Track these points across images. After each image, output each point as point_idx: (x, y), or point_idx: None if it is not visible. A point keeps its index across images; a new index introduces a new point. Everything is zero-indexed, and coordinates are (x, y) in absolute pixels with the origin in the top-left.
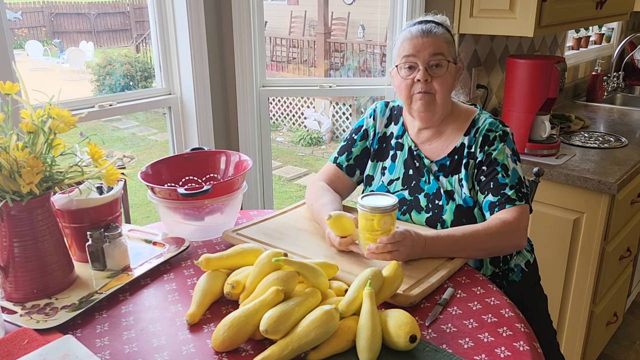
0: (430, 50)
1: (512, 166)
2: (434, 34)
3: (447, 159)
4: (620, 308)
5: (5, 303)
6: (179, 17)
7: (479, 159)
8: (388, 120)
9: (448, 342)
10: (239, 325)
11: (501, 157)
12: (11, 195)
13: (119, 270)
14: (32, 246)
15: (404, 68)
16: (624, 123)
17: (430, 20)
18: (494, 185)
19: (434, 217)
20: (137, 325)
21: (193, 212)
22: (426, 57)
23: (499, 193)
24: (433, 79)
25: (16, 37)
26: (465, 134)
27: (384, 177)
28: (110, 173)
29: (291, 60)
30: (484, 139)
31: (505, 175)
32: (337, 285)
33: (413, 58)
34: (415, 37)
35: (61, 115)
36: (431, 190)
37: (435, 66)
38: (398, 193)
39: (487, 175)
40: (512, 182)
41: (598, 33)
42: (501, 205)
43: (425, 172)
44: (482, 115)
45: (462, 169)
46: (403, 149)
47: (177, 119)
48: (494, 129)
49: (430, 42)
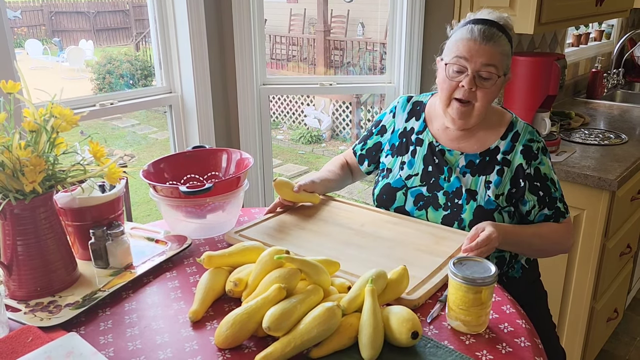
0: (484, 60)
1: (556, 179)
2: (493, 42)
3: (478, 157)
4: (621, 304)
5: (9, 301)
6: (179, 15)
7: (527, 172)
8: (409, 115)
9: (450, 339)
10: (241, 323)
11: (549, 172)
12: (14, 193)
13: (122, 268)
14: (35, 244)
15: (452, 68)
16: (624, 120)
17: (495, 21)
18: (549, 200)
19: (452, 215)
20: (140, 323)
21: (195, 210)
22: (478, 66)
23: (553, 207)
24: (478, 89)
25: (16, 36)
26: (502, 137)
27: (402, 171)
28: (112, 171)
29: (291, 58)
30: (526, 150)
31: (555, 189)
32: (340, 282)
33: (465, 62)
34: (474, 39)
35: (63, 114)
36: (451, 188)
37: (485, 78)
38: (416, 189)
39: (542, 190)
40: (560, 195)
41: (598, 30)
42: (556, 219)
43: (446, 170)
44: (519, 121)
45: (493, 173)
46: (423, 144)
47: (177, 117)
48: (535, 139)
49: (487, 51)
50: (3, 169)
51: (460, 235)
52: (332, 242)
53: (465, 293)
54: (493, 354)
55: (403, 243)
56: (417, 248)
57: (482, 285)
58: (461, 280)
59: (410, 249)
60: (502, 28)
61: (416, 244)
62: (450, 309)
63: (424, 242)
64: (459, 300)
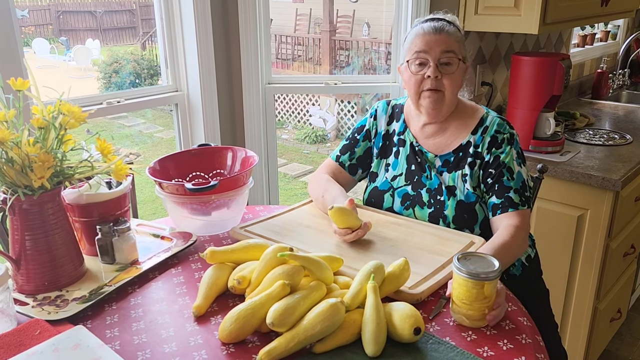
0: (442, 47)
1: (517, 169)
2: (446, 31)
3: (452, 155)
4: (625, 304)
5: (18, 295)
6: (186, 14)
7: (486, 160)
8: (390, 118)
9: (451, 335)
10: (245, 318)
11: (507, 160)
12: (23, 189)
13: (128, 263)
14: (43, 239)
15: (414, 63)
16: (629, 120)
17: (441, 18)
18: (499, 187)
19: (436, 212)
20: (145, 317)
21: (200, 207)
22: (437, 54)
23: (503, 196)
24: (443, 76)
25: (23, 35)
26: (473, 132)
27: (387, 173)
28: (119, 168)
29: (296, 58)
30: (492, 140)
31: (510, 178)
32: (344, 281)
33: (424, 54)
34: (428, 33)
35: (72, 111)
36: (432, 185)
37: (446, 64)
38: (401, 189)
39: (493, 177)
40: (516, 186)
41: (604, 30)
42: (504, 208)
43: (427, 168)
44: (490, 114)
45: (466, 166)
46: (405, 145)
47: (183, 116)
48: (502, 131)
49: (442, 40)
50: (12, 164)
51: (465, 237)
52: (336, 240)
53: (469, 288)
54: (494, 350)
55: (407, 242)
56: (421, 247)
57: (485, 280)
58: (465, 274)
59: (414, 248)
60: (449, 22)
61: (420, 243)
62: (454, 304)
63: (428, 242)
64: (463, 294)
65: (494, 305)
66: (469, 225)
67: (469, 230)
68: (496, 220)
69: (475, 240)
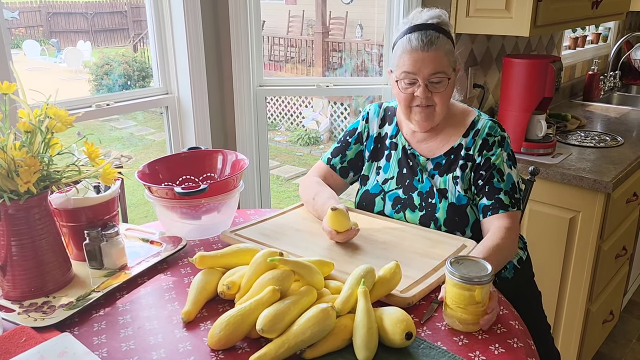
0: (431, 69)
1: (507, 171)
2: (435, 47)
3: (443, 157)
4: (617, 306)
5: (3, 301)
6: (176, 16)
7: (477, 162)
8: (382, 121)
9: (443, 340)
10: (235, 324)
11: (498, 162)
12: (9, 194)
13: (116, 269)
14: (29, 245)
15: (403, 81)
16: (620, 122)
17: (430, 24)
18: (489, 189)
19: (428, 215)
20: (134, 323)
21: (190, 211)
22: (426, 76)
23: (493, 197)
24: (433, 94)
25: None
26: (464, 135)
27: (378, 176)
28: (107, 172)
29: (289, 60)
30: (483, 143)
31: (501, 180)
32: (335, 285)
33: (413, 75)
34: (415, 50)
35: (58, 114)
36: (424, 188)
37: (436, 82)
38: (392, 192)
39: (484, 179)
40: (506, 188)
41: (595, 32)
42: (494, 210)
43: (419, 171)
44: (482, 117)
45: (457, 169)
46: (397, 148)
47: (174, 119)
48: (493, 134)
49: (432, 58)
50: None
51: (457, 240)
52: (327, 243)
53: (461, 291)
54: (486, 354)
55: (399, 245)
56: (413, 250)
57: (478, 284)
58: (458, 278)
59: (406, 251)
60: (439, 28)
61: (412, 246)
62: (448, 307)
63: (419, 245)
64: (456, 298)
65: (487, 309)
66: (460, 227)
67: (460, 233)
68: (486, 222)
69: (467, 244)
